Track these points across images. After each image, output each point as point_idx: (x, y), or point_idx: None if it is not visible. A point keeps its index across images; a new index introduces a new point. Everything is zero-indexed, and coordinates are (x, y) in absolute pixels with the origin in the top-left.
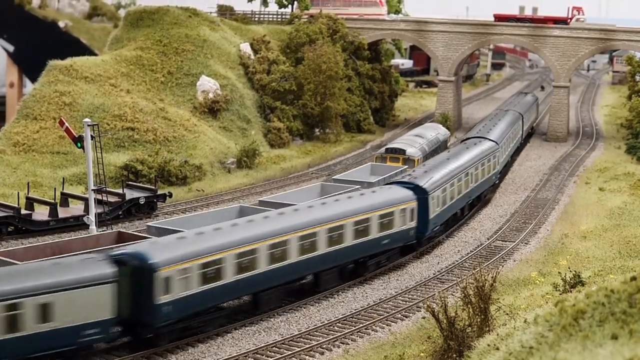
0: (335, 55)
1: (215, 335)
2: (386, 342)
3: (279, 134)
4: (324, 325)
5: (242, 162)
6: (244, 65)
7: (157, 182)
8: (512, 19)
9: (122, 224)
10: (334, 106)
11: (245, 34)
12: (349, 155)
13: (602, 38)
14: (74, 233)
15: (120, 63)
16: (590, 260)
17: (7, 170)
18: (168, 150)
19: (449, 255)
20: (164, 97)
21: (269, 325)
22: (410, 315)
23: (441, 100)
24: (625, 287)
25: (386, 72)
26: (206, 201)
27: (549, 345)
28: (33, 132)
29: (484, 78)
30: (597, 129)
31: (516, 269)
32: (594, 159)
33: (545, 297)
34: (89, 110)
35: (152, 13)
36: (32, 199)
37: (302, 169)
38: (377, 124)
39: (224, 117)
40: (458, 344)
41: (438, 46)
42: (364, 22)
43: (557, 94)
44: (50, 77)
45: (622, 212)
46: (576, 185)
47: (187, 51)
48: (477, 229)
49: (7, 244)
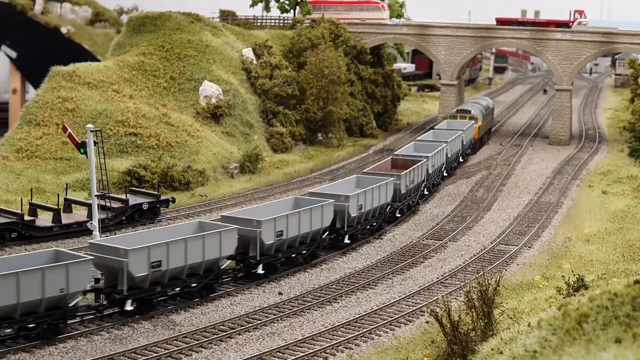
0: (337, 59)
1: (219, 340)
2: (390, 346)
3: (281, 138)
4: (328, 330)
5: (245, 167)
6: (247, 70)
7: (160, 188)
8: (514, 22)
9: (125, 230)
10: (337, 111)
11: (248, 39)
12: (351, 159)
13: (604, 41)
14: (77, 239)
15: (122, 69)
16: (594, 264)
17: (10, 176)
18: (171, 156)
19: (452, 259)
20: (166, 103)
21: (273, 330)
22: (414, 319)
23: (444, 104)
24: (628, 291)
25: (388, 76)
26: (209, 206)
27: (553, 349)
28: (36, 138)
29: (486, 82)
30: (599, 132)
31: (519, 273)
32: (596, 162)
33: (548, 300)
34: (91, 116)
35: (154, 19)
36: (35, 205)
37: (305, 173)
38: (380, 128)
39: (227, 122)
40: (462, 348)
41: (440, 50)
42: (366, 27)
43: (560, 97)
44: (53, 83)
45: (626, 215)
46: (579, 189)
47: (190, 56)
48: (481, 233)
49: (10, 250)
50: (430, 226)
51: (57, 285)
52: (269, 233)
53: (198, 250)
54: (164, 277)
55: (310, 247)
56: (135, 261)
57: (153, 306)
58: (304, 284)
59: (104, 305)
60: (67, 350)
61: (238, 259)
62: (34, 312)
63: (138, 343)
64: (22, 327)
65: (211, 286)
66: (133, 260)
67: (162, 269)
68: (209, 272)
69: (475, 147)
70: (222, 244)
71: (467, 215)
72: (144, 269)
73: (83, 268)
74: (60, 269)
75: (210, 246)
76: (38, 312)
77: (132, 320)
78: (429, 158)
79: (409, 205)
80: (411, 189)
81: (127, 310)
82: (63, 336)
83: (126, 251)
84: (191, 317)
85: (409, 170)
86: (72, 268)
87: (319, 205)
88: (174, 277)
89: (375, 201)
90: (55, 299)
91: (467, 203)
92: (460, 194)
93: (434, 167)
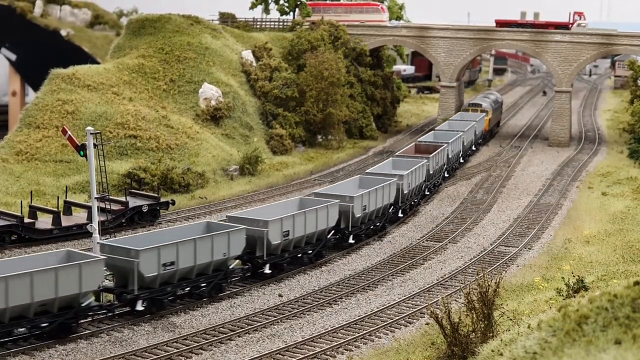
0: (337, 61)
1: (219, 342)
2: (390, 348)
3: (281, 140)
4: (328, 332)
5: (245, 169)
6: (246, 73)
7: (160, 190)
8: (514, 24)
9: (124, 232)
10: (336, 113)
11: (247, 41)
12: (351, 161)
13: (603, 43)
14: (77, 241)
15: (122, 71)
16: (594, 265)
17: (10, 178)
18: (171, 158)
19: (452, 261)
20: (166, 105)
21: (273, 332)
22: (414, 321)
23: (443, 106)
24: (628, 292)
25: (388, 78)
26: (209, 208)
27: (553, 350)
28: (36, 141)
29: (486, 83)
30: (599, 133)
31: (519, 275)
32: (596, 163)
33: (548, 302)
34: (91, 118)
35: (154, 21)
36: (35, 208)
37: (304, 175)
38: (380, 130)
39: (227, 124)
40: (462, 349)
41: (440, 52)
42: (365, 29)
43: (559, 99)
44: (53, 86)
45: (625, 217)
46: (579, 190)
47: (189, 59)
48: (480, 235)
49: (10, 252)
50: (430, 228)
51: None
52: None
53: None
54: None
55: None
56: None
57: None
58: (304, 285)
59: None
60: (67, 352)
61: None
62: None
63: (138, 345)
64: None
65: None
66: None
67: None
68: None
69: (486, 138)
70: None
71: (467, 217)
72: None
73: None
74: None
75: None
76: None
77: (132, 323)
78: (449, 144)
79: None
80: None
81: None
82: (63, 339)
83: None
84: (191, 319)
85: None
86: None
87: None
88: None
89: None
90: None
91: (467, 204)
92: (460, 195)
93: (453, 152)
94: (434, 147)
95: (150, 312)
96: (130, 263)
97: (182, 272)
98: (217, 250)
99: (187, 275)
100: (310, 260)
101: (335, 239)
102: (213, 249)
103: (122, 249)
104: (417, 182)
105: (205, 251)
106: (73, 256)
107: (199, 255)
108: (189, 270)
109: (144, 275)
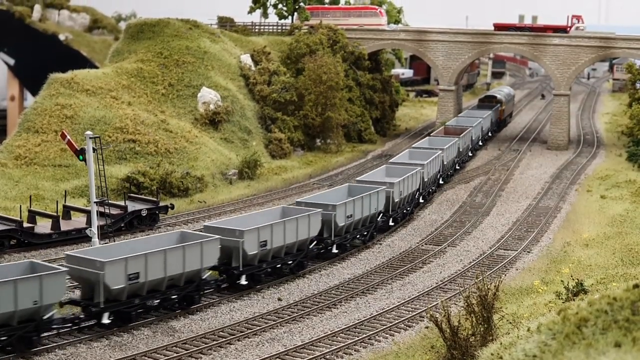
0: (335, 65)
1: (218, 347)
2: (390, 352)
3: (280, 144)
4: (327, 336)
5: (244, 173)
6: (245, 77)
7: (159, 194)
8: (512, 28)
9: (123, 236)
10: (335, 116)
11: (246, 46)
12: (350, 165)
13: (602, 46)
14: (76, 246)
15: (121, 75)
16: (593, 268)
17: (9, 183)
18: (169, 162)
19: (451, 264)
20: (165, 109)
21: (272, 336)
22: (414, 325)
23: (442, 110)
24: (627, 295)
25: (387, 82)
26: (208, 212)
27: (552, 353)
28: (35, 145)
29: (484, 87)
30: (598, 136)
31: (519, 278)
32: (595, 166)
33: (548, 305)
34: (90, 122)
35: (152, 25)
36: (34, 212)
37: (303, 179)
38: (378, 134)
39: (225, 128)
40: (461, 353)
41: (438, 55)
42: (364, 33)
43: (558, 102)
44: (52, 90)
45: (624, 220)
46: (578, 193)
47: (188, 63)
48: (480, 238)
49: (9, 257)
50: (429, 231)
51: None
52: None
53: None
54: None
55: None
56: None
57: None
58: (303, 289)
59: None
60: (67, 357)
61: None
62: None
63: (137, 350)
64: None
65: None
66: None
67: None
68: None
69: (500, 125)
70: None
71: (465, 221)
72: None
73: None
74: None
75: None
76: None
77: (131, 327)
78: (474, 127)
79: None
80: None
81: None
82: (62, 342)
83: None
84: (190, 323)
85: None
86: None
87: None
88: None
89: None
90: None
91: (465, 208)
92: (459, 199)
93: (476, 135)
94: (460, 130)
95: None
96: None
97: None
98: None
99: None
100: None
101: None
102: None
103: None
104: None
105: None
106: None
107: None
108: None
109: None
